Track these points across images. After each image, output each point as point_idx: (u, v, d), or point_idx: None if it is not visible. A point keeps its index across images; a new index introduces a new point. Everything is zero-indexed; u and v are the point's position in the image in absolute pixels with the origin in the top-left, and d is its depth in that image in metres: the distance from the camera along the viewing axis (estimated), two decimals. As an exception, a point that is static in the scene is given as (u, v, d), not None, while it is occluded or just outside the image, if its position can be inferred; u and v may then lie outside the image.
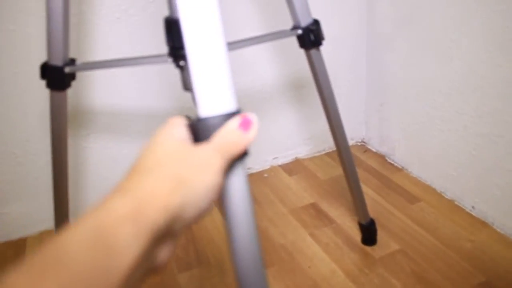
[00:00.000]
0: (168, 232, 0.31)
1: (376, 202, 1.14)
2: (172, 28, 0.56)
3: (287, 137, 1.34)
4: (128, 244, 0.28)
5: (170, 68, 0.66)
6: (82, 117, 1.08)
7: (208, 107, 0.39)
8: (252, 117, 0.39)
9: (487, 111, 0.98)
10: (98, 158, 1.13)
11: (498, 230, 1.01)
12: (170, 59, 0.58)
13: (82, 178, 1.13)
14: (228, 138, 0.38)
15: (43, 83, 0.68)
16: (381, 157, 1.35)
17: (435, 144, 1.15)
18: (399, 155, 1.29)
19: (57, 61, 0.66)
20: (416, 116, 1.19)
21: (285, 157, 1.36)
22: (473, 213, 1.07)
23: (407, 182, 1.22)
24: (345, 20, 1.27)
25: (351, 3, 1.26)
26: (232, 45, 0.62)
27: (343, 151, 0.86)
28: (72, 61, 0.67)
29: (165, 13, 0.58)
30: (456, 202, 1.11)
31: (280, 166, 1.35)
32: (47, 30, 0.63)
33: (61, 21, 0.62)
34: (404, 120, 1.24)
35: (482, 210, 1.05)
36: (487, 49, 0.94)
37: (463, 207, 1.09)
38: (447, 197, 1.14)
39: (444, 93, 1.08)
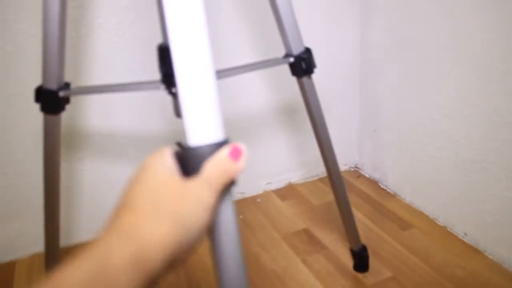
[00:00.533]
0: (165, 270, 0.32)
1: (368, 228, 1.14)
2: (165, 55, 0.57)
3: (280, 162, 1.35)
4: None
5: (164, 93, 0.66)
6: (77, 139, 1.08)
7: (196, 136, 0.40)
8: (242, 146, 0.40)
9: (477, 138, 0.99)
10: (92, 181, 1.13)
11: (490, 257, 1.01)
12: (162, 86, 0.59)
13: (75, 200, 1.13)
14: (218, 168, 0.38)
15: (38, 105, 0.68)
16: (374, 183, 1.36)
17: (428, 170, 1.15)
18: (392, 181, 1.30)
19: (52, 85, 0.66)
20: (408, 142, 1.20)
21: (278, 182, 1.36)
22: (465, 240, 1.07)
23: (399, 208, 1.22)
24: (339, 47, 1.29)
25: (344, 30, 1.28)
26: (224, 73, 0.64)
27: (334, 178, 0.87)
28: (66, 85, 0.68)
29: (161, 39, 0.59)
30: (448, 229, 1.12)
31: (273, 191, 1.35)
32: (42, 54, 0.64)
33: (56, 45, 0.63)
34: (397, 146, 1.25)
35: (474, 237, 1.05)
36: (477, 77, 0.95)
37: (456, 234, 1.09)
38: (439, 223, 1.14)
39: (436, 120, 1.09)
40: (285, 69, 0.78)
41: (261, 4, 1.14)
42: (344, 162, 1.44)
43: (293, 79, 0.76)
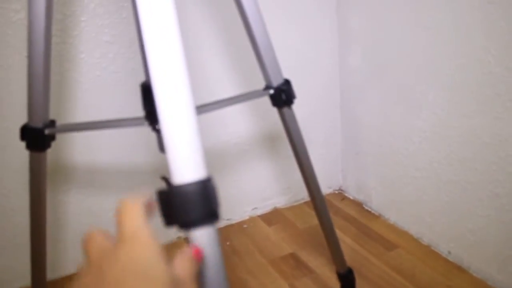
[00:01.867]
0: None
1: (354, 250, 1.16)
2: (148, 93, 0.59)
3: (265, 187, 1.36)
4: None
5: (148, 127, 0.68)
6: (62, 172, 1.09)
7: (180, 174, 0.41)
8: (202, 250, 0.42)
9: (457, 159, 1.01)
10: (77, 213, 1.13)
11: (474, 274, 1.03)
12: (146, 122, 0.61)
13: (61, 233, 1.13)
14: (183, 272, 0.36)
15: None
16: (358, 205, 1.38)
17: (410, 191, 1.18)
18: (376, 203, 1.32)
19: (37, 123, 0.67)
20: (390, 164, 1.22)
21: (264, 208, 1.38)
22: (449, 258, 1.09)
23: (384, 229, 1.24)
24: (318, 74, 1.32)
25: (322, 57, 1.31)
26: (206, 108, 0.65)
27: (318, 203, 0.88)
28: (52, 123, 0.69)
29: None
30: (432, 248, 1.13)
31: (259, 216, 1.36)
32: (28, 92, 0.65)
33: (41, 83, 0.65)
34: (379, 168, 1.28)
35: (458, 255, 1.07)
36: (454, 100, 0.98)
37: (440, 252, 1.11)
38: (423, 242, 1.16)
39: (416, 142, 1.12)
40: (266, 99, 0.80)
41: (239, 38, 1.17)
42: (328, 185, 1.46)
43: (274, 108, 0.78)
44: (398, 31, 1.10)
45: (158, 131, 0.61)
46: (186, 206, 0.41)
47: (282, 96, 0.74)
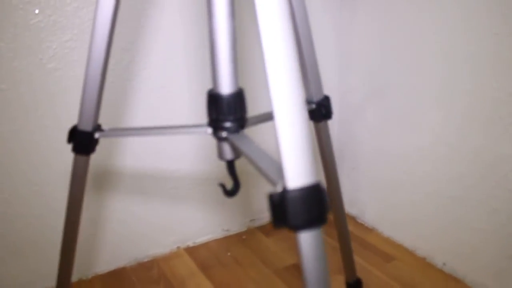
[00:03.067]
0: None
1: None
2: (216, 101, 0.61)
3: (263, 199, 1.39)
4: None
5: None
6: (109, 177, 1.13)
7: (292, 178, 0.44)
8: None
9: (456, 177, 1.09)
10: (117, 218, 1.19)
11: (470, 285, 1.10)
12: (209, 130, 0.63)
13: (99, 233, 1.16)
14: None
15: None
16: (352, 219, 1.43)
17: (406, 206, 1.24)
18: (369, 216, 1.38)
19: (87, 126, 0.68)
20: (387, 180, 1.29)
21: (262, 219, 1.40)
22: (445, 270, 1.16)
23: (379, 242, 1.30)
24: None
25: (323, 74, 1.36)
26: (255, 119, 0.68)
27: (339, 214, 0.92)
28: (99, 127, 0.70)
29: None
30: (427, 260, 1.20)
31: (257, 227, 1.39)
32: (82, 96, 0.66)
33: (97, 86, 0.65)
34: (374, 184, 1.34)
35: (452, 267, 1.14)
36: (455, 122, 1.06)
37: (434, 264, 1.18)
38: (418, 255, 1.22)
39: (415, 160, 1.19)
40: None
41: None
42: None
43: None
44: (400, 52, 1.17)
45: (220, 139, 0.63)
46: (297, 211, 0.44)
47: (322, 110, 0.77)
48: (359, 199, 1.41)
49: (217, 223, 1.33)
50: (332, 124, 1.43)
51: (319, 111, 0.78)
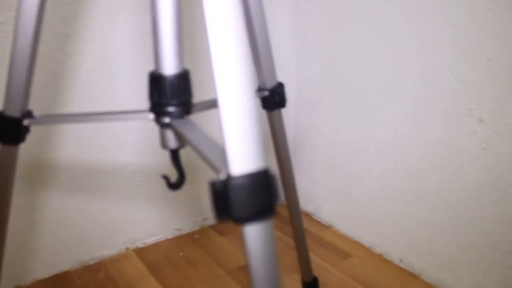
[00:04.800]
0: None
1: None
2: (159, 83, 0.55)
3: (216, 196, 1.33)
4: None
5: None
6: (43, 169, 1.02)
7: (237, 163, 0.39)
8: None
9: (413, 170, 1.07)
10: (55, 217, 1.08)
11: (426, 280, 1.08)
12: (151, 115, 0.57)
13: (36, 237, 1.04)
14: None
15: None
16: (307, 215, 1.40)
17: (363, 201, 1.22)
18: (326, 213, 1.35)
19: (15, 112, 0.60)
20: (343, 175, 1.26)
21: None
22: (402, 266, 1.14)
23: (336, 239, 1.27)
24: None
25: (279, 66, 1.32)
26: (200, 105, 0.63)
27: (294, 211, 0.88)
28: (29, 113, 0.62)
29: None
30: (384, 256, 1.18)
31: (210, 226, 1.33)
32: (8, 78, 0.58)
33: (26, 64, 0.58)
34: (331, 179, 1.31)
35: (409, 262, 1.12)
36: (411, 113, 1.04)
37: (391, 261, 1.16)
38: (375, 251, 1.20)
39: (372, 154, 1.16)
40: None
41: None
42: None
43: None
44: (358, 44, 1.14)
45: (163, 125, 0.57)
46: (243, 200, 0.39)
47: (276, 98, 0.73)
48: (316, 195, 1.37)
49: (168, 222, 1.26)
50: (288, 118, 1.39)
51: (272, 98, 0.73)
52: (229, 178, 0.38)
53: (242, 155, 0.39)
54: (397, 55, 1.05)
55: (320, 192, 1.35)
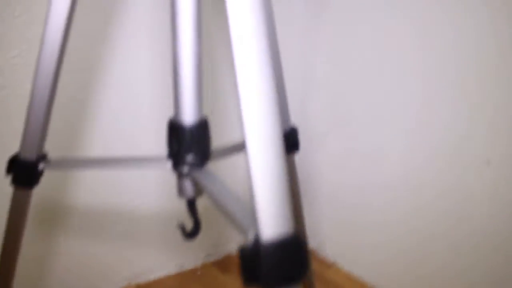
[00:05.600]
0: None
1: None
2: (177, 131, 0.54)
3: (219, 232, 1.31)
4: None
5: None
6: (55, 212, 1.01)
7: (268, 228, 0.38)
8: None
9: (419, 210, 1.06)
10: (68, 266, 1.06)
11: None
12: (168, 164, 0.56)
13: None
14: None
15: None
16: (311, 252, 1.38)
17: (366, 240, 1.20)
18: (330, 250, 1.33)
19: (31, 155, 0.59)
20: (348, 213, 1.25)
21: (218, 254, 1.32)
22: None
23: (339, 278, 1.24)
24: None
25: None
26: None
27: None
28: (44, 156, 0.61)
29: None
30: (389, 296, 1.16)
31: (212, 263, 1.30)
32: (26, 120, 0.57)
33: (44, 109, 0.57)
34: (334, 217, 1.29)
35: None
36: (416, 153, 1.03)
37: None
38: (379, 291, 1.18)
39: (377, 193, 1.15)
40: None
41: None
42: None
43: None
44: (365, 81, 1.14)
45: (181, 174, 0.56)
46: (273, 268, 0.37)
47: (290, 141, 0.72)
48: (320, 232, 1.35)
49: (170, 258, 1.24)
50: (292, 154, 1.38)
51: (287, 142, 0.72)
52: (260, 244, 0.37)
53: (273, 216, 0.38)
54: (404, 100, 1.05)
55: (325, 229, 1.34)
